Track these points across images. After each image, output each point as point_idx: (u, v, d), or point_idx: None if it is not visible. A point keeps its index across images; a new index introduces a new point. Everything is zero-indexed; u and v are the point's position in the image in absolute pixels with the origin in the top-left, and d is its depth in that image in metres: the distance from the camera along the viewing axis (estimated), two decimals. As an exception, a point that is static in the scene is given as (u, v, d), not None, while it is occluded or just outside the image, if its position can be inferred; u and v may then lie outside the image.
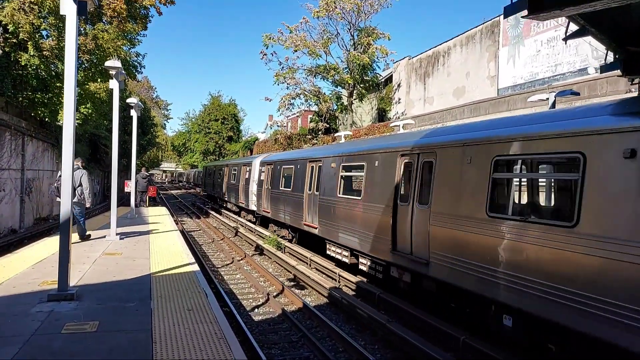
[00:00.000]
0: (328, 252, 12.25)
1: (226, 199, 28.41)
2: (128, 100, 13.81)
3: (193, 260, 8.18)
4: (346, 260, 11.15)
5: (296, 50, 31.19)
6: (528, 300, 5.97)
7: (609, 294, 4.92)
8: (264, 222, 19.66)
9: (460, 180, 7.67)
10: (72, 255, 7.93)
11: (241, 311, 8.87)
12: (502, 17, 24.64)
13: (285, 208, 15.78)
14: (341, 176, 11.68)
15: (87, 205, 10.55)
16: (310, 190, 13.56)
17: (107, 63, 8.94)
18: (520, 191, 7.62)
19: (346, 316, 8.68)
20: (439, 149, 8.35)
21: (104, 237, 10.64)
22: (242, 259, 14.33)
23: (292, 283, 11.40)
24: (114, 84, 9.39)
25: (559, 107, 9.36)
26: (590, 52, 19.72)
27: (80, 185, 10.17)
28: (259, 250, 15.64)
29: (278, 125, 61.90)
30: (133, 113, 14.33)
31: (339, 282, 10.86)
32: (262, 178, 19.54)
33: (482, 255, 6.85)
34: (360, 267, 10.40)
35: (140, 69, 24.05)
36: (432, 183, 8.24)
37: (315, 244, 13.87)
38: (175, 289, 6.40)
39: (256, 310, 9.00)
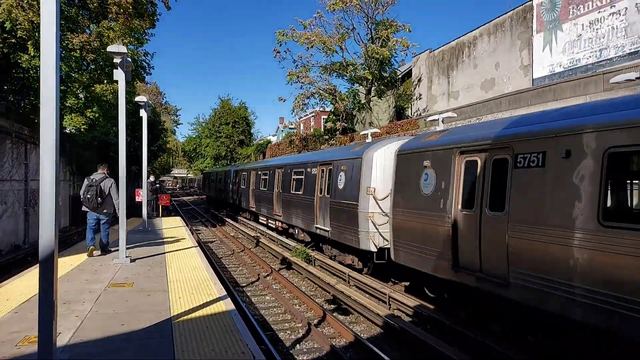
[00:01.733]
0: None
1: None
2: (137, 99, 12.30)
3: (223, 291, 6.45)
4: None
5: (311, 46, 29.55)
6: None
7: None
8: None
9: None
10: (70, 289, 6.39)
11: (280, 348, 7.21)
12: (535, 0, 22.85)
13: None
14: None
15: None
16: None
17: (110, 48, 7.38)
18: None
19: (409, 351, 6.99)
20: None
21: (112, 259, 9.03)
22: (268, 275, 12.69)
23: (333, 306, 9.71)
24: (119, 75, 7.79)
25: None
26: (643, 33, 17.80)
27: (109, 195, 9.71)
28: (286, 263, 13.99)
29: (290, 128, 60.51)
30: (142, 113, 12.79)
31: (389, 304, 9.15)
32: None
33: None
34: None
35: (149, 69, 22.56)
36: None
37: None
38: (208, 345, 4.59)
39: (298, 346, 7.32)
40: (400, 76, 36.00)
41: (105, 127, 22.54)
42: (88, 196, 9.64)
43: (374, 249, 10.49)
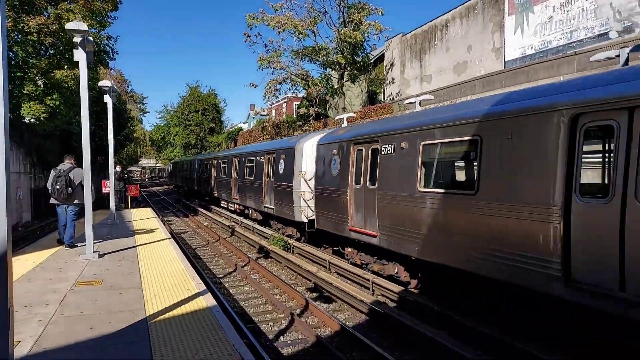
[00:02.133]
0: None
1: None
2: (101, 84, 11.51)
3: (202, 286, 6.00)
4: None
5: (283, 30, 28.82)
6: None
7: None
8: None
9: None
10: (32, 289, 5.84)
11: (262, 340, 6.88)
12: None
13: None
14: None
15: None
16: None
17: (69, 25, 6.65)
18: None
19: (394, 336, 6.80)
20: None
21: (79, 255, 8.34)
22: (246, 265, 12.31)
23: (315, 294, 9.43)
24: (79, 56, 7.09)
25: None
26: (612, 14, 18.04)
27: (79, 185, 9.34)
28: (264, 252, 13.62)
29: (261, 115, 59.55)
30: (107, 99, 12.00)
31: (373, 290, 8.95)
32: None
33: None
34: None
35: (113, 54, 21.45)
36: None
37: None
38: (191, 347, 4.12)
39: (282, 338, 7.01)
40: (372, 61, 35.70)
41: (68, 115, 21.37)
42: (57, 187, 9.25)
43: (305, 220, 13.12)
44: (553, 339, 5.81)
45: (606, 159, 6.15)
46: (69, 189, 9.34)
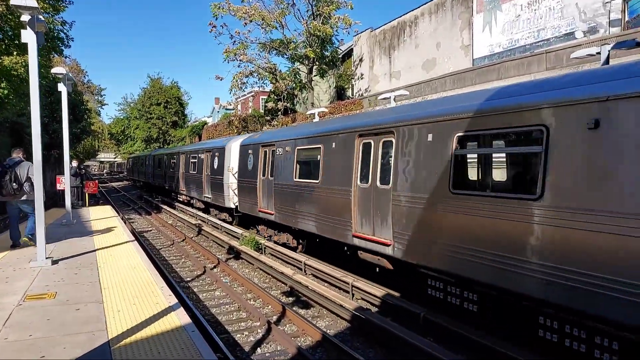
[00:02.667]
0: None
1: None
2: (54, 70, 10.47)
3: (173, 298, 5.28)
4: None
5: (250, 21, 27.96)
6: None
7: None
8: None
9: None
10: None
11: (238, 354, 6.35)
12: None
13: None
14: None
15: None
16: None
17: (15, 0, 5.78)
18: None
19: (378, 343, 6.43)
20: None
21: (29, 261, 7.35)
22: (215, 267, 11.66)
23: (292, 299, 8.95)
24: (28, 37, 6.19)
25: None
26: (578, 14, 18.39)
27: (28, 180, 8.86)
28: (234, 252, 13.00)
29: (227, 109, 58.18)
30: (62, 88, 10.96)
31: (352, 293, 8.56)
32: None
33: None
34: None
35: (68, 41, 20.05)
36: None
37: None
38: None
39: (259, 350, 6.50)
40: (340, 56, 35.34)
41: (18, 106, 19.82)
42: (2, 183, 8.68)
43: (232, 207, 16.19)
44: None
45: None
46: (14, 184, 8.74)
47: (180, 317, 4.57)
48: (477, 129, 6.03)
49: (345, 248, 9.44)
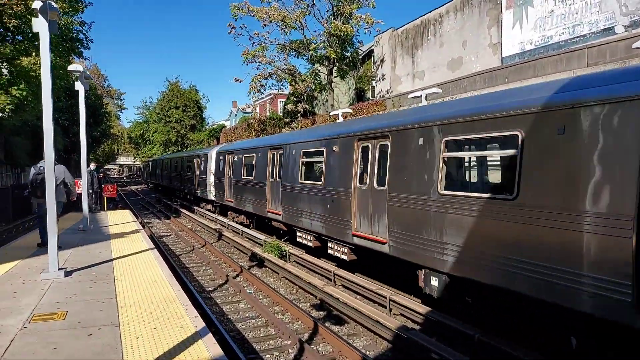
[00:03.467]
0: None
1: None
2: (71, 67, 9.98)
3: (200, 321, 4.58)
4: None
5: (270, 21, 27.42)
6: None
7: None
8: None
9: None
10: None
11: (269, 378, 5.64)
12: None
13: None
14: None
15: (74, 199, 10.12)
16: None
17: (24, -15, 5.22)
18: None
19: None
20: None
21: (40, 272, 6.69)
22: (238, 275, 11.01)
23: (323, 313, 8.22)
24: (39, 26, 5.61)
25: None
26: (618, 8, 17.30)
27: (62, 182, 9.18)
28: (257, 260, 12.34)
29: (244, 112, 57.91)
30: (79, 86, 10.48)
31: (390, 308, 7.79)
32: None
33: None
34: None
35: (87, 42, 19.74)
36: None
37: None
38: None
39: (293, 374, 5.77)
40: (360, 57, 34.61)
41: (38, 108, 19.59)
42: (37, 185, 8.82)
43: (213, 198, 21.26)
44: None
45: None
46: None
47: (209, 347, 3.84)
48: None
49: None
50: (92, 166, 18.41)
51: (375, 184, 8.25)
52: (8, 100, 15.28)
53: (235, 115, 63.94)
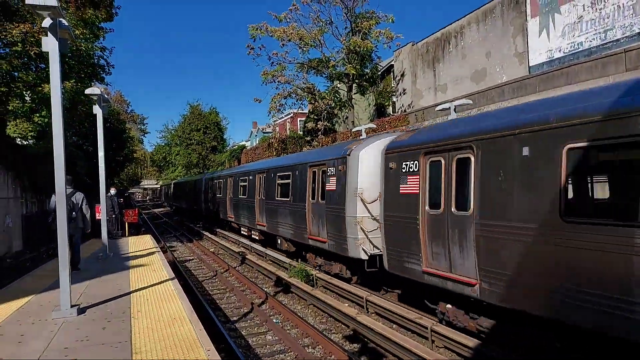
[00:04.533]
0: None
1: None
2: (87, 91, 9.73)
3: None
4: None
5: (289, 41, 27.33)
6: None
7: None
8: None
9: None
10: None
11: None
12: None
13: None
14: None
15: (88, 230, 10.19)
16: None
17: (30, 0, 4.89)
18: None
19: None
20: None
21: (51, 310, 6.17)
22: (263, 303, 10.41)
23: (357, 346, 7.52)
24: (49, 45, 5.22)
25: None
26: (654, 10, 16.45)
27: (81, 209, 9.62)
28: (282, 285, 11.72)
29: (264, 132, 58.05)
30: (96, 110, 10.22)
31: (432, 340, 7.04)
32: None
33: None
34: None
35: (109, 68, 19.83)
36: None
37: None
38: None
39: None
40: (380, 73, 34.23)
41: (60, 135, 19.65)
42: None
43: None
44: None
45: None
46: (73, 213, 9.28)
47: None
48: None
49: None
50: (112, 191, 18.20)
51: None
52: (30, 127, 15.31)
53: (256, 135, 64.22)
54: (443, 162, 7.07)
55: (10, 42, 14.19)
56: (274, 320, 9.00)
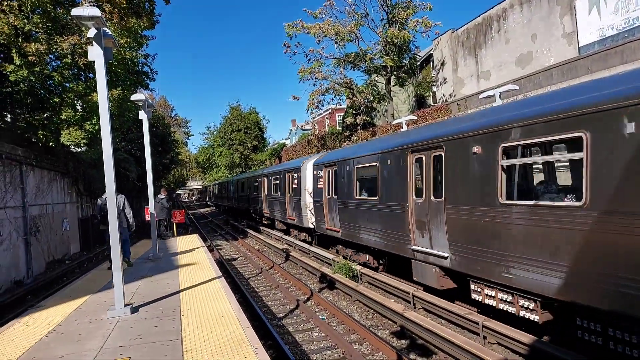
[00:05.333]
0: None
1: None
2: (133, 97, 10.09)
3: None
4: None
5: (325, 36, 27.23)
6: None
7: None
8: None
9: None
10: None
11: None
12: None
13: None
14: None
15: (133, 229, 11.03)
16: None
17: (75, 11, 5.04)
18: None
19: None
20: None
21: (107, 310, 6.47)
22: (309, 299, 10.42)
23: (405, 342, 7.37)
24: (95, 54, 5.41)
25: None
26: None
27: (123, 210, 10.50)
28: (327, 281, 11.70)
29: (304, 129, 58.34)
30: (142, 115, 10.58)
31: (483, 336, 6.77)
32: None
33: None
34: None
35: (152, 74, 20.50)
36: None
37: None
38: None
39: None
40: (418, 63, 33.49)
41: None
42: (104, 214, 9.85)
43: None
44: None
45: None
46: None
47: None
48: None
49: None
50: (162, 194, 18.82)
51: None
52: (82, 135, 16.02)
53: (295, 133, 64.68)
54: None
55: (61, 54, 14.91)
56: (320, 317, 8.98)
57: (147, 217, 14.00)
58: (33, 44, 13.72)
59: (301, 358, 6.96)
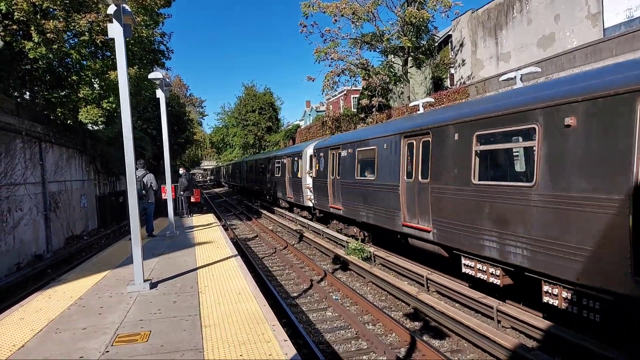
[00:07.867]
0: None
1: None
2: (150, 76, 10.10)
3: (290, 347, 4.06)
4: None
5: (342, 15, 26.80)
6: None
7: None
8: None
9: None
10: (52, 352, 4.15)
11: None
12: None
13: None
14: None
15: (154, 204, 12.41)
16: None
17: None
18: None
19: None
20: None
21: (127, 284, 6.68)
22: (322, 280, 10.51)
23: (418, 324, 7.41)
24: (114, 31, 5.41)
25: None
26: None
27: (151, 187, 11.86)
28: (340, 262, 11.78)
29: (318, 111, 58.02)
30: (159, 94, 10.62)
31: (497, 320, 6.78)
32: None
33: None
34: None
35: (168, 53, 20.47)
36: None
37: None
38: None
39: (393, 400, 5.06)
40: (436, 44, 32.83)
41: (127, 119, 20.68)
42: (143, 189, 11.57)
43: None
44: None
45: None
46: (143, 191, 11.54)
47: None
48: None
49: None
50: (182, 171, 19.19)
51: None
52: (100, 113, 16.15)
53: (309, 114, 64.37)
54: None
55: (79, 32, 14.95)
56: (334, 297, 9.07)
57: (164, 196, 14.17)
58: (51, 21, 13.75)
59: (316, 338, 7.05)
